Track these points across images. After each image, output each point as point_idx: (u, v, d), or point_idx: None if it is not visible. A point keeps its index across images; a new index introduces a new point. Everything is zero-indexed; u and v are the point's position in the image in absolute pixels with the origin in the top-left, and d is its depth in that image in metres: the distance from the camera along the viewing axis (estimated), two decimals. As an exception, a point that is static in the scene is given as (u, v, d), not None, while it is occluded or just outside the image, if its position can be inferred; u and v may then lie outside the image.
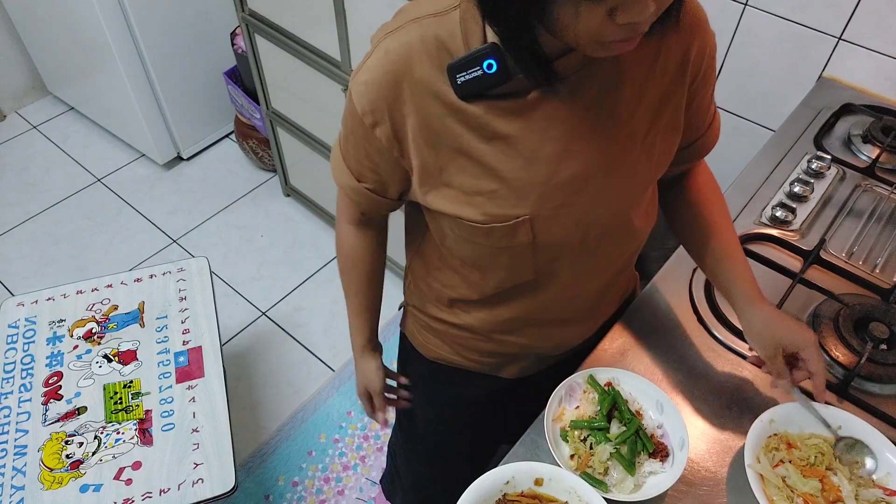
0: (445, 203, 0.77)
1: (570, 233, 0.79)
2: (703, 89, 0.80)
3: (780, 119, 1.41)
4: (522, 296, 0.89)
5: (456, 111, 0.71)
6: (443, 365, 1.06)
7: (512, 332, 0.96)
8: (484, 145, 0.72)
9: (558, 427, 0.88)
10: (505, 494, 0.81)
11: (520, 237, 0.78)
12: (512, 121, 0.71)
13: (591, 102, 0.71)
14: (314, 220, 2.50)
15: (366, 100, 0.73)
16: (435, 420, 1.19)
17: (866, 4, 1.28)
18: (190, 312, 1.53)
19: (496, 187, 0.74)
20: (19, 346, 1.46)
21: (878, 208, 1.19)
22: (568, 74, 0.69)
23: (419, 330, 1.06)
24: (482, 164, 0.73)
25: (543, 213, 0.76)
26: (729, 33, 1.47)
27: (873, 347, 0.96)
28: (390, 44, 0.70)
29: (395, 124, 0.73)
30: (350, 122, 0.78)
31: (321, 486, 1.80)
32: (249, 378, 2.05)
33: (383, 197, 0.84)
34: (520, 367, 1.03)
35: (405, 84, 0.70)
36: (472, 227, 0.77)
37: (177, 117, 2.54)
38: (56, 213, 2.51)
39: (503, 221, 0.76)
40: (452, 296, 0.94)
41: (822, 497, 0.80)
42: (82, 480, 1.25)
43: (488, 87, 0.68)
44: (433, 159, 0.74)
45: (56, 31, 2.43)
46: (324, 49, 1.77)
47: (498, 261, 0.83)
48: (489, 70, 0.66)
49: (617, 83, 0.72)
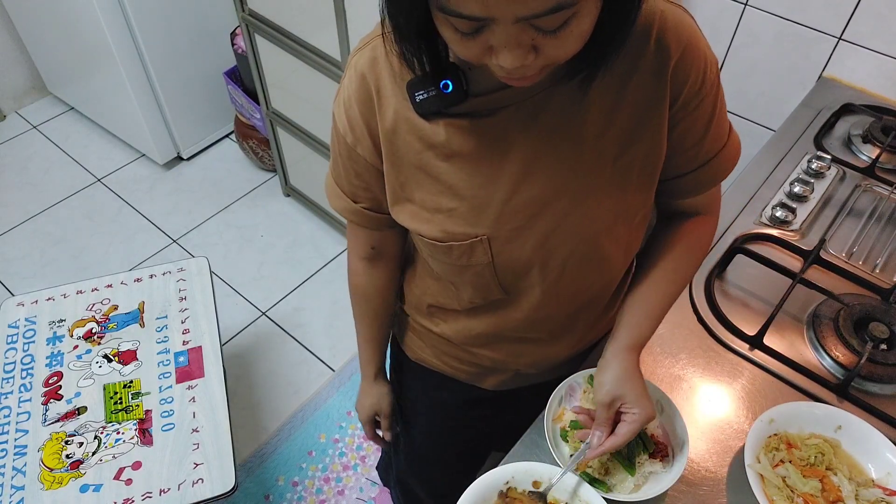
0: (407, 218, 0.78)
1: (531, 255, 0.77)
2: (692, 115, 0.72)
3: (780, 119, 1.41)
4: (495, 312, 0.88)
5: (415, 128, 0.71)
6: (427, 368, 1.06)
7: (485, 346, 0.95)
8: (443, 163, 0.72)
9: (558, 427, 0.88)
10: (509, 489, 0.81)
11: (478, 257, 0.77)
12: (471, 140, 0.70)
13: (554, 125, 0.69)
14: (314, 220, 2.50)
15: (345, 118, 0.74)
16: (421, 421, 1.19)
17: (866, 4, 1.29)
18: (190, 312, 1.53)
19: (455, 205, 0.74)
20: (19, 346, 1.46)
21: (878, 208, 1.19)
22: (523, 98, 0.68)
23: (406, 331, 1.06)
24: (441, 181, 0.73)
25: (502, 233, 0.75)
26: (729, 33, 1.47)
27: (873, 347, 0.96)
28: (359, 60, 0.71)
29: (374, 139, 0.74)
30: (336, 144, 0.79)
31: (321, 486, 1.80)
32: (249, 378, 2.05)
33: (382, 213, 0.83)
34: (499, 379, 1.02)
35: (375, 98, 0.71)
36: (432, 244, 0.78)
37: (177, 117, 2.54)
38: (56, 213, 2.51)
39: (461, 240, 0.75)
40: (431, 303, 0.94)
41: (822, 497, 0.80)
42: (82, 480, 1.25)
43: (446, 106, 0.67)
44: (395, 174, 0.75)
45: (56, 31, 2.43)
46: (324, 49, 1.77)
47: (463, 277, 0.82)
48: (445, 90, 0.66)
49: (582, 106, 0.69)
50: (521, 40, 0.53)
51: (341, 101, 0.75)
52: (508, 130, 0.70)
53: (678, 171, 0.78)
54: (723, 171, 0.79)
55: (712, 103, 0.73)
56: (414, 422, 1.20)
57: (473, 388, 1.05)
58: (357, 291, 1.00)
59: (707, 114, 0.73)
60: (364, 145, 0.75)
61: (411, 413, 1.19)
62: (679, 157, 0.76)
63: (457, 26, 0.54)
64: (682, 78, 0.69)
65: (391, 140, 0.72)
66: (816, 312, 1.02)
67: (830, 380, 0.95)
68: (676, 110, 0.71)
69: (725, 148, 0.78)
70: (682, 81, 0.69)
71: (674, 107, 0.71)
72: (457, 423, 1.15)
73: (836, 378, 0.96)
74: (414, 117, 0.70)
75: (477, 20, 0.52)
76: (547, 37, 0.53)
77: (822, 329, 1.00)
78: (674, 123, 0.73)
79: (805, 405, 0.88)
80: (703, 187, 0.81)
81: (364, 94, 0.71)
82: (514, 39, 0.53)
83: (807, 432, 0.87)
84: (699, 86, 0.70)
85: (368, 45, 0.71)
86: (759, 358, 0.98)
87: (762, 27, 1.42)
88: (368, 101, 0.72)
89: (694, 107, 0.72)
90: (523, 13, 0.50)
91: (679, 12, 0.69)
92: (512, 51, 0.54)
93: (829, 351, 0.98)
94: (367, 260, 0.94)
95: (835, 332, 0.99)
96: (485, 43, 0.55)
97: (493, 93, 0.68)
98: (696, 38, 0.69)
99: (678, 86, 0.70)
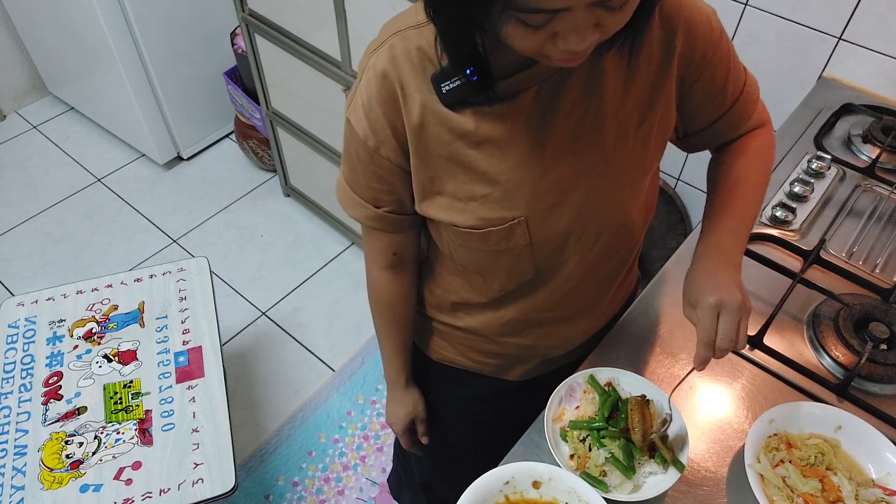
0: (440, 211, 0.78)
1: (567, 230, 0.79)
2: (706, 71, 0.77)
3: (780, 119, 1.41)
4: (524, 296, 0.89)
5: (443, 119, 0.71)
6: (449, 366, 1.06)
7: (515, 334, 0.96)
8: (473, 151, 0.72)
9: (558, 427, 0.88)
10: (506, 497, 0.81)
11: (517, 239, 0.78)
12: (499, 125, 0.71)
13: (575, 102, 0.72)
14: (314, 220, 2.50)
15: (365, 122, 0.74)
16: (443, 421, 1.19)
17: (866, 4, 1.28)
18: (190, 312, 1.53)
19: (489, 191, 0.74)
20: (19, 346, 1.46)
21: (878, 208, 1.19)
22: (543, 78, 0.70)
23: (425, 332, 1.06)
24: (473, 169, 0.74)
25: (538, 213, 0.76)
26: (729, 33, 1.47)
27: (873, 347, 0.96)
28: (377, 61, 0.72)
29: (399, 138, 0.74)
30: (353, 150, 0.78)
31: (321, 486, 1.80)
32: (249, 378, 2.05)
33: (405, 214, 0.83)
34: (524, 369, 1.03)
35: (398, 96, 0.71)
36: (468, 233, 0.78)
37: (177, 117, 2.54)
38: (56, 213, 2.51)
39: (499, 225, 0.76)
40: (456, 300, 0.94)
41: (822, 497, 0.80)
42: (82, 480, 1.25)
43: (472, 94, 0.68)
44: (424, 168, 0.75)
45: (56, 31, 2.43)
46: (324, 49, 1.77)
47: (498, 264, 0.83)
48: (471, 77, 0.67)
49: (599, 80, 0.72)
50: (588, 22, 0.55)
51: (359, 106, 0.74)
52: (534, 111, 0.71)
53: (713, 117, 0.84)
54: (751, 103, 0.85)
55: (725, 49, 0.78)
56: (438, 424, 1.20)
57: (497, 381, 1.05)
58: (381, 303, 0.98)
59: (724, 59, 0.78)
60: (388, 146, 0.75)
61: (435, 416, 1.19)
62: (710, 105, 0.81)
63: (528, 21, 0.55)
64: (689, 38, 0.73)
65: (419, 135, 0.73)
66: (816, 312, 1.02)
67: (830, 380, 0.95)
68: (696, 66, 0.76)
69: (747, 83, 0.83)
70: (690, 42, 0.74)
71: (692, 64, 0.76)
72: (482, 418, 1.15)
73: (836, 378, 0.96)
74: (441, 109, 0.71)
75: (552, 12, 0.53)
76: (611, 13, 0.56)
77: (822, 329, 1.00)
78: (696, 77, 0.77)
79: (805, 405, 0.88)
80: (740, 123, 0.86)
81: (387, 93, 0.71)
82: (584, 22, 0.55)
83: (807, 432, 0.87)
84: (708, 38, 0.75)
85: (384, 45, 0.71)
86: (759, 358, 0.98)
87: (762, 27, 1.42)
88: (392, 99, 0.72)
89: (710, 57, 0.76)
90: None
91: None
92: (581, 33, 0.55)
93: (829, 351, 0.98)
94: (389, 269, 0.93)
95: (835, 332, 0.99)
96: (550, 32, 0.56)
97: (514, 76, 0.69)
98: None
99: (688, 48, 0.74)
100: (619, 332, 1.01)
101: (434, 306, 1.00)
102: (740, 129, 0.88)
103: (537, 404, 1.06)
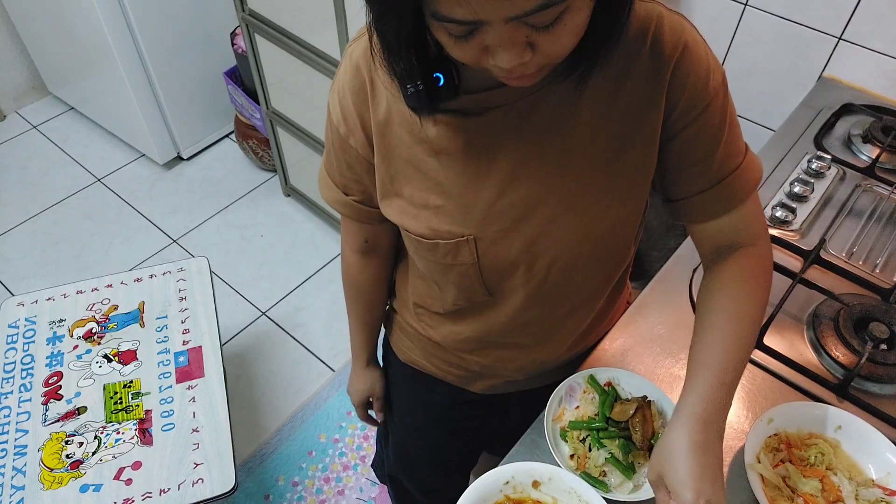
0: (395, 213, 0.78)
1: (516, 259, 0.76)
2: (696, 122, 0.69)
3: (780, 119, 1.41)
4: (479, 314, 0.87)
5: (406, 121, 0.70)
6: (416, 369, 1.06)
7: (474, 352, 0.95)
8: (431, 159, 0.71)
9: (558, 427, 0.88)
10: (507, 497, 0.81)
11: (463, 257, 0.76)
12: (460, 138, 0.69)
13: (543, 128, 0.68)
14: (314, 220, 2.50)
15: (339, 109, 0.74)
16: (409, 419, 1.19)
17: (866, 4, 1.29)
18: (190, 312, 1.53)
19: (442, 203, 0.73)
20: (19, 346, 1.46)
21: (878, 208, 1.19)
22: (515, 99, 0.67)
23: (397, 332, 1.07)
24: (429, 177, 0.73)
25: (487, 234, 0.74)
26: (729, 33, 1.47)
27: (873, 347, 0.96)
28: (355, 50, 0.71)
29: (366, 131, 0.74)
30: (329, 134, 0.79)
31: (321, 486, 1.80)
32: (249, 378, 2.05)
33: (372, 207, 0.83)
34: (488, 384, 1.02)
35: (368, 89, 0.71)
36: (417, 240, 0.77)
37: (177, 117, 2.54)
38: (56, 213, 2.51)
39: (447, 239, 0.75)
40: (417, 302, 0.94)
41: (822, 497, 0.80)
42: (82, 480, 1.25)
43: (436, 100, 0.65)
44: (385, 167, 0.75)
45: (56, 31, 2.43)
46: (324, 49, 1.77)
47: (447, 277, 0.82)
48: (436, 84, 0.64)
49: (575, 111, 0.68)
50: (515, 39, 0.53)
51: (336, 91, 0.74)
52: (498, 131, 0.69)
53: (693, 188, 0.74)
54: (742, 189, 0.74)
55: (720, 113, 0.70)
56: (403, 421, 1.20)
57: (462, 390, 1.05)
58: (350, 282, 1.01)
59: (715, 123, 0.70)
60: (356, 136, 0.75)
61: (400, 412, 1.19)
62: (690, 171, 0.73)
63: (450, 31, 0.53)
64: (679, 82, 0.67)
65: (383, 132, 0.72)
66: (816, 312, 1.02)
67: (830, 380, 0.95)
68: (677, 117, 0.69)
69: (743, 166, 0.73)
70: (681, 86, 0.67)
71: (673, 114, 0.69)
72: (446, 423, 1.16)
73: (836, 378, 0.96)
74: (406, 110, 0.69)
75: (468, 24, 0.51)
76: (541, 33, 0.53)
77: (822, 329, 1.00)
78: (677, 130, 0.70)
79: (805, 405, 0.88)
80: (723, 206, 0.75)
81: (358, 84, 0.71)
82: (509, 38, 0.52)
83: (807, 432, 0.87)
84: (701, 91, 0.68)
85: (364, 36, 0.71)
86: (759, 358, 0.98)
87: (762, 27, 1.42)
88: (362, 91, 0.71)
89: (697, 113, 0.69)
90: (513, 12, 0.50)
91: (677, 18, 0.68)
92: (507, 50, 0.53)
93: (829, 351, 0.98)
94: (360, 253, 0.94)
95: (835, 332, 0.99)
96: (480, 44, 0.54)
97: (485, 91, 0.67)
98: (696, 43, 0.67)
99: (677, 91, 0.67)
100: (618, 332, 1.01)
101: (404, 307, 1.00)
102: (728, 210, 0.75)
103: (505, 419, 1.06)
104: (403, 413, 1.19)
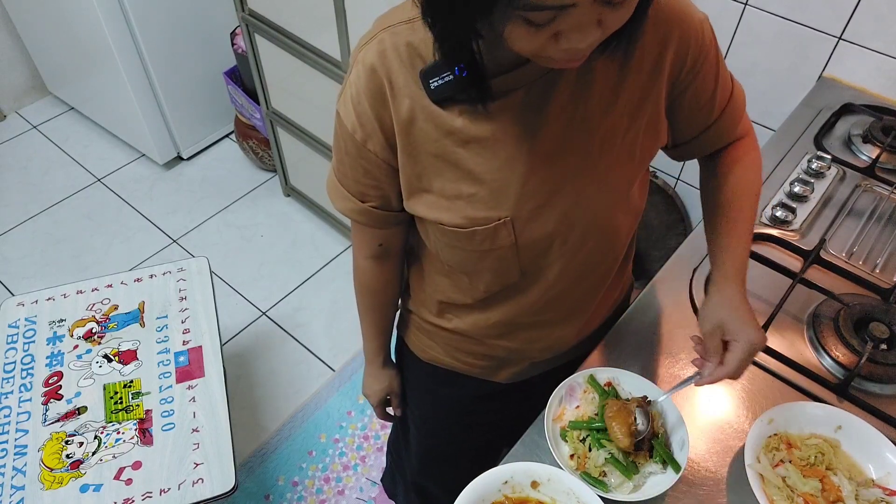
0: (426, 209, 0.78)
1: (552, 232, 0.79)
2: (697, 79, 0.77)
3: (780, 119, 1.41)
4: (510, 298, 0.89)
5: (431, 116, 0.71)
6: (438, 367, 1.06)
7: (502, 337, 0.96)
8: (460, 149, 0.72)
9: (558, 427, 0.88)
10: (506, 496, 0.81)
11: (502, 239, 0.78)
12: (486, 124, 0.71)
13: (563, 104, 0.71)
14: (314, 220, 2.50)
15: (353, 115, 0.74)
16: (432, 420, 1.19)
17: (866, 4, 1.29)
18: (190, 312, 1.53)
19: (475, 190, 0.74)
20: (19, 345, 1.46)
21: (878, 208, 1.19)
22: (533, 79, 0.69)
23: (415, 332, 1.06)
24: (460, 167, 0.73)
25: (523, 213, 0.76)
26: (729, 33, 1.47)
27: (873, 347, 0.96)
28: (366, 55, 0.71)
29: (386, 133, 0.74)
30: (342, 143, 0.78)
31: (321, 486, 1.80)
32: (249, 378, 2.05)
33: (390, 211, 0.83)
34: (513, 371, 1.03)
35: (386, 91, 0.71)
36: (453, 231, 0.78)
37: (177, 117, 2.54)
38: (56, 213, 2.51)
39: (484, 224, 0.76)
40: (443, 300, 0.94)
41: (822, 497, 0.80)
42: (82, 480, 1.25)
43: (461, 91, 0.68)
44: (411, 165, 0.75)
45: (56, 31, 2.43)
46: (324, 49, 1.77)
47: (483, 264, 0.83)
48: (461, 74, 0.66)
49: (589, 84, 0.71)
50: (592, 19, 0.55)
51: (348, 99, 0.74)
52: (522, 112, 0.71)
53: (701, 127, 0.84)
54: (738, 112, 0.86)
55: (715, 57, 0.78)
56: (426, 424, 1.20)
57: (485, 382, 1.05)
58: (364, 288, 1.01)
59: (713, 68, 0.78)
60: (376, 140, 0.75)
61: (422, 414, 1.19)
62: (699, 114, 0.82)
63: (533, 19, 0.54)
64: (681, 47, 0.73)
65: (407, 131, 0.73)
66: (816, 312, 1.02)
67: (830, 380, 0.95)
68: (685, 75, 0.76)
69: (734, 92, 0.84)
70: (682, 50, 0.74)
71: (682, 73, 0.76)
72: (469, 418, 1.16)
73: (836, 378, 0.96)
74: (430, 105, 0.70)
75: (557, 9, 0.53)
76: (613, 10, 0.55)
77: (822, 329, 1.00)
78: (685, 86, 0.77)
79: (805, 405, 0.88)
80: (728, 134, 0.87)
81: (375, 87, 0.71)
82: (588, 19, 0.55)
83: (807, 432, 0.87)
84: (700, 46, 0.75)
85: (374, 39, 0.71)
86: (760, 358, 0.98)
87: (762, 27, 1.42)
88: (380, 94, 0.71)
89: (700, 66, 0.76)
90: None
91: None
92: (584, 31, 0.55)
93: (829, 351, 0.98)
94: (374, 258, 0.94)
95: (835, 332, 0.99)
96: (554, 30, 0.55)
97: (504, 75, 0.69)
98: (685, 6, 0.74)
99: (680, 55, 0.74)
100: (619, 332, 1.01)
101: (422, 306, 1.00)
102: (729, 138, 0.88)
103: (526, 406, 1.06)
104: (426, 417, 1.19)
